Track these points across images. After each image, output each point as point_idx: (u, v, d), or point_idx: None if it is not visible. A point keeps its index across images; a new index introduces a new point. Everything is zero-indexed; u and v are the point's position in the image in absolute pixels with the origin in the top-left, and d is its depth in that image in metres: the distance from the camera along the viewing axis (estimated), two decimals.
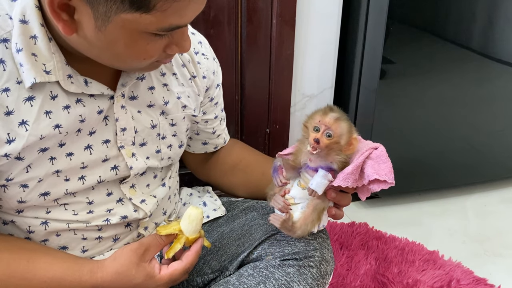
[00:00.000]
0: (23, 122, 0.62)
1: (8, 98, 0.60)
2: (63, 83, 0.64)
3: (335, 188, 0.73)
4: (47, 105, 0.64)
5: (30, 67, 0.60)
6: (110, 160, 0.72)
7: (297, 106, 1.56)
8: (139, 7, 0.54)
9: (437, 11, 1.43)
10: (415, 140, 1.59)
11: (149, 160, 0.77)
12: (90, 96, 0.67)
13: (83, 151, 0.69)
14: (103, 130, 0.71)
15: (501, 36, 1.52)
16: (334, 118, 0.72)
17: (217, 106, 0.89)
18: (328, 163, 0.73)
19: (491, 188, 1.79)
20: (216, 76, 0.86)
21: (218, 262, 0.85)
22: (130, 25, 0.56)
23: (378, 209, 1.65)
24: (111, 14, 0.55)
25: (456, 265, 1.33)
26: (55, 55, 0.62)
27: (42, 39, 0.61)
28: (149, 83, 0.75)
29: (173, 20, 0.57)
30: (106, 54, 0.61)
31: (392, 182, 0.71)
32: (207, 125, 0.89)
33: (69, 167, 0.68)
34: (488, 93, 1.59)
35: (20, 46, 0.60)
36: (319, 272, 0.79)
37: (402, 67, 1.47)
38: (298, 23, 1.44)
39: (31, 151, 0.64)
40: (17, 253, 0.68)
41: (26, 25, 0.60)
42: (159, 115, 0.77)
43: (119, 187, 0.75)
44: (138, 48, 0.60)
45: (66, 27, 0.57)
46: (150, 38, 0.59)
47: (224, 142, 0.96)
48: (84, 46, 0.61)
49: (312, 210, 0.76)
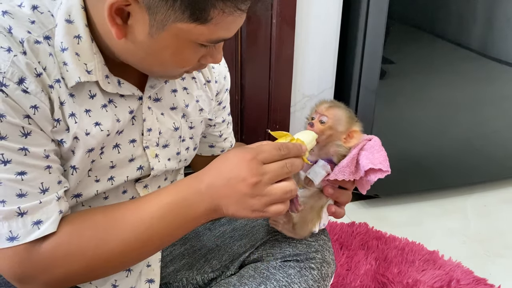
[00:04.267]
0: (72, 114, 0.63)
1: (60, 89, 0.61)
2: (102, 83, 0.65)
3: (333, 183, 0.73)
4: (86, 104, 0.64)
5: (75, 66, 0.61)
6: (136, 160, 0.73)
7: (297, 106, 1.56)
8: (197, 19, 0.56)
9: (437, 11, 1.43)
10: (415, 140, 1.59)
11: (170, 162, 0.78)
12: (121, 97, 0.69)
13: (112, 149, 0.69)
14: (130, 130, 0.71)
15: (501, 36, 1.52)
16: (327, 106, 0.74)
17: (224, 110, 0.90)
18: (329, 155, 0.74)
19: (491, 188, 1.79)
20: (226, 81, 0.87)
21: (219, 261, 0.86)
22: (183, 35, 0.58)
23: (378, 209, 1.65)
24: (168, 22, 0.56)
25: (456, 265, 1.33)
26: (96, 55, 0.64)
27: (86, 40, 0.62)
28: (172, 86, 0.76)
29: (221, 33, 0.59)
30: (150, 60, 0.63)
31: (387, 170, 0.71)
32: (215, 128, 0.89)
33: (99, 166, 0.69)
34: (488, 93, 1.59)
35: (65, 45, 0.61)
36: (320, 274, 0.79)
37: (402, 67, 1.48)
38: (298, 23, 1.44)
39: (81, 149, 0.64)
40: (119, 208, 0.66)
41: (71, 24, 0.61)
42: (180, 118, 0.78)
43: (134, 186, 0.76)
44: (183, 57, 0.62)
45: (119, 31, 0.58)
46: (196, 48, 0.61)
47: (230, 145, 0.96)
48: (128, 51, 0.62)
49: (310, 209, 0.76)
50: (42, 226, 0.59)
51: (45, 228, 0.59)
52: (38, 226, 0.59)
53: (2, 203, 0.57)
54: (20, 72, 0.56)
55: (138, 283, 0.78)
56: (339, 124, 0.73)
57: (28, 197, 0.58)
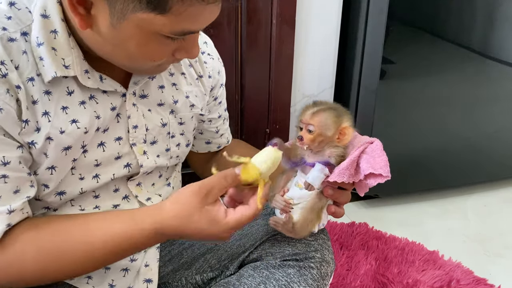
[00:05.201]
0: (46, 113, 0.62)
1: (33, 87, 0.61)
2: (81, 77, 0.64)
3: (332, 184, 0.73)
4: (63, 101, 0.64)
5: (51, 61, 0.61)
6: (123, 158, 0.73)
7: (297, 106, 1.56)
8: (155, 8, 0.55)
9: (437, 11, 1.43)
10: (415, 140, 1.59)
11: (159, 159, 0.77)
12: (103, 93, 0.68)
13: (96, 148, 0.69)
14: (115, 127, 0.71)
15: (501, 36, 1.52)
16: (311, 113, 0.72)
17: (220, 106, 0.90)
18: (325, 158, 0.73)
19: (491, 188, 1.79)
20: (220, 76, 0.87)
21: (218, 261, 0.85)
22: (144, 25, 0.57)
23: (378, 209, 1.65)
24: (127, 12, 0.56)
25: (456, 265, 1.33)
26: (73, 50, 0.63)
27: (62, 34, 0.62)
28: (159, 82, 0.76)
29: (186, 25, 0.58)
30: (117, 52, 0.62)
31: (387, 175, 0.70)
32: (211, 124, 0.89)
33: (83, 164, 0.69)
34: (488, 93, 1.59)
35: (41, 40, 0.61)
36: (319, 273, 0.79)
37: (402, 67, 1.47)
38: (298, 23, 1.44)
39: (56, 148, 0.64)
40: (70, 219, 0.67)
41: (47, 19, 0.61)
42: (168, 114, 0.77)
43: (126, 184, 0.76)
44: (149, 49, 0.61)
45: (82, 21, 0.58)
46: (162, 40, 0.60)
47: (227, 142, 0.96)
48: (97, 43, 0.62)
49: (310, 210, 0.76)
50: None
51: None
52: None
53: None
54: None
55: (136, 283, 0.78)
56: (327, 130, 0.72)
57: None
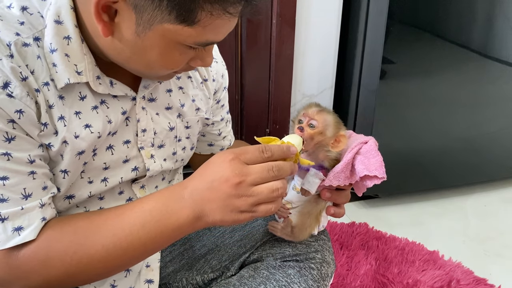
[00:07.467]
0: (61, 117, 0.62)
1: (48, 92, 0.61)
2: (92, 84, 0.64)
3: (329, 187, 0.73)
4: (76, 106, 0.64)
5: (64, 67, 0.61)
6: (131, 161, 0.72)
7: (297, 106, 1.56)
8: (184, 20, 0.55)
9: (437, 11, 1.43)
10: (415, 140, 1.59)
11: (165, 163, 0.77)
12: (113, 97, 0.68)
13: (105, 151, 0.69)
14: (123, 131, 0.71)
15: (501, 36, 1.52)
16: (317, 110, 0.73)
17: (223, 109, 0.90)
18: (319, 161, 0.73)
19: (491, 188, 1.79)
20: (224, 79, 0.87)
21: (218, 261, 0.86)
22: (170, 36, 0.58)
23: (378, 209, 1.65)
24: (154, 22, 0.56)
25: (456, 265, 1.33)
26: (86, 56, 0.63)
27: (76, 40, 0.62)
28: (167, 86, 0.76)
29: (210, 36, 0.59)
30: (136, 59, 0.62)
31: (383, 176, 0.70)
32: (214, 127, 0.89)
33: (92, 167, 0.68)
34: (487, 93, 1.59)
35: (54, 46, 0.60)
36: (319, 274, 0.79)
37: (402, 67, 1.47)
38: (298, 23, 1.44)
39: (71, 153, 0.64)
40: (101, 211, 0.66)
41: (60, 25, 0.61)
42: (176, 118, 0.77)
43: (131, 187, 0.76)
44: (170, 58, 0.61)
45: (105, 28, 0.57)
46: (183, 50, 0.61)
47: (229, 144, 0.96)
48: (115, 49, 0.61)
49: (308, 214, 0.76)
50: (23, 233, 0.59)
51: (25, 235, 0.59)
52: (19, 232, 0.58)
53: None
54: (4, 76, 0.55)
55: (137, 284, 0.78)
56: (328, 130, 0.72)
57: (9, 202, 0.58)
